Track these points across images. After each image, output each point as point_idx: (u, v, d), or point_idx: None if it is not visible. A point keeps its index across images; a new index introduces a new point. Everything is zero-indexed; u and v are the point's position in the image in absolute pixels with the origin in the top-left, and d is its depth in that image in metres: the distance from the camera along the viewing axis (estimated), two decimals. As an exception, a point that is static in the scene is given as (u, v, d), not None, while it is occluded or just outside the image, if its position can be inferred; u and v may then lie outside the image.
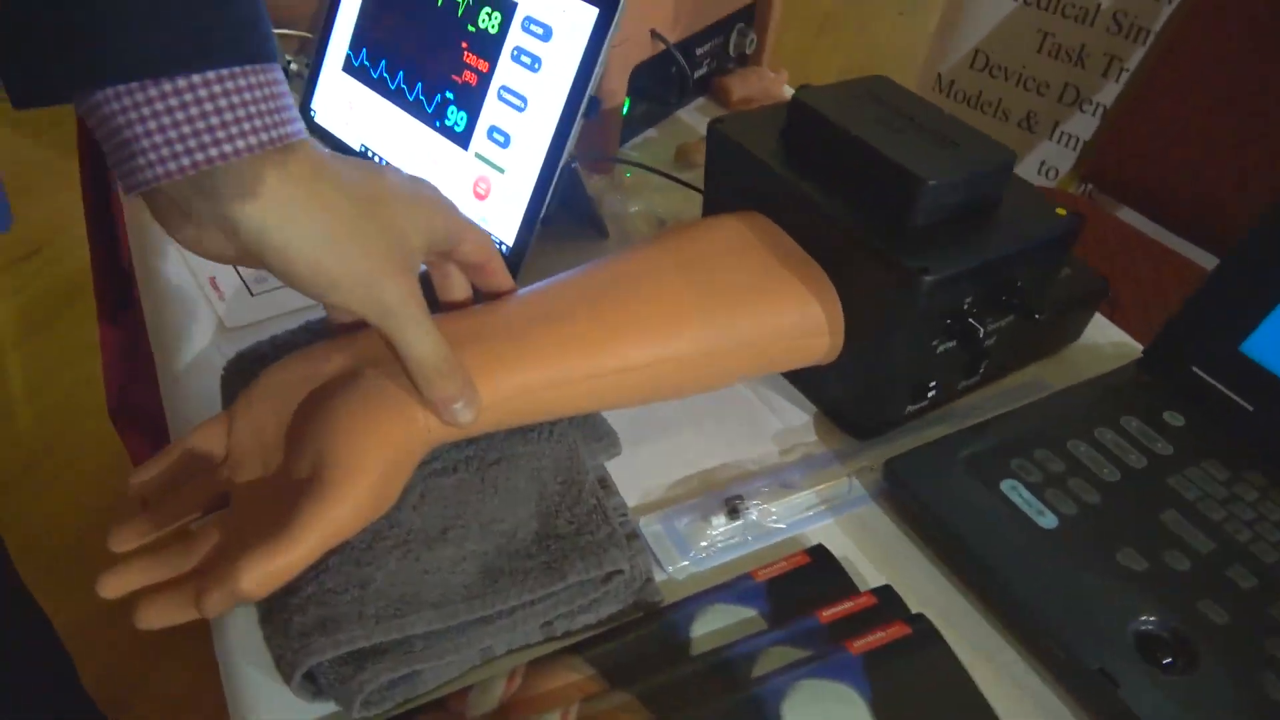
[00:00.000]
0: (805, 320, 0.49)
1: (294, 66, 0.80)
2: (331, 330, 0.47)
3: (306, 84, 0.75)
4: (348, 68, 0.72)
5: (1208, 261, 1.19)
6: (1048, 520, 0.46)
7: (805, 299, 0.49)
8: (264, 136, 0.33)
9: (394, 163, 0.70)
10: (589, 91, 0.58)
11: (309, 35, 0.79)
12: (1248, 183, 1.11)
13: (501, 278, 0.46)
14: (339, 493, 0.37)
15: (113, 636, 1.23)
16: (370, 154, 0.71)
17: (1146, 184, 1.22)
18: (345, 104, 0.73)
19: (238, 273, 0.62)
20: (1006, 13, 1.65)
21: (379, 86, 0.70)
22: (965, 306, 0.48)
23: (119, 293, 1.13)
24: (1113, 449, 0.50)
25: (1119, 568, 0.44)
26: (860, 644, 0.41)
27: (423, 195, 0.41)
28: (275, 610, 0.40)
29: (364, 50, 0.71)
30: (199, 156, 0.32)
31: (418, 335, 0.38)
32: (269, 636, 0.39)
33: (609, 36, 0.56)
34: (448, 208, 0.43)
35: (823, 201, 0.49)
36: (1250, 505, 0.48)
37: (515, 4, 0.61)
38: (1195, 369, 0.54)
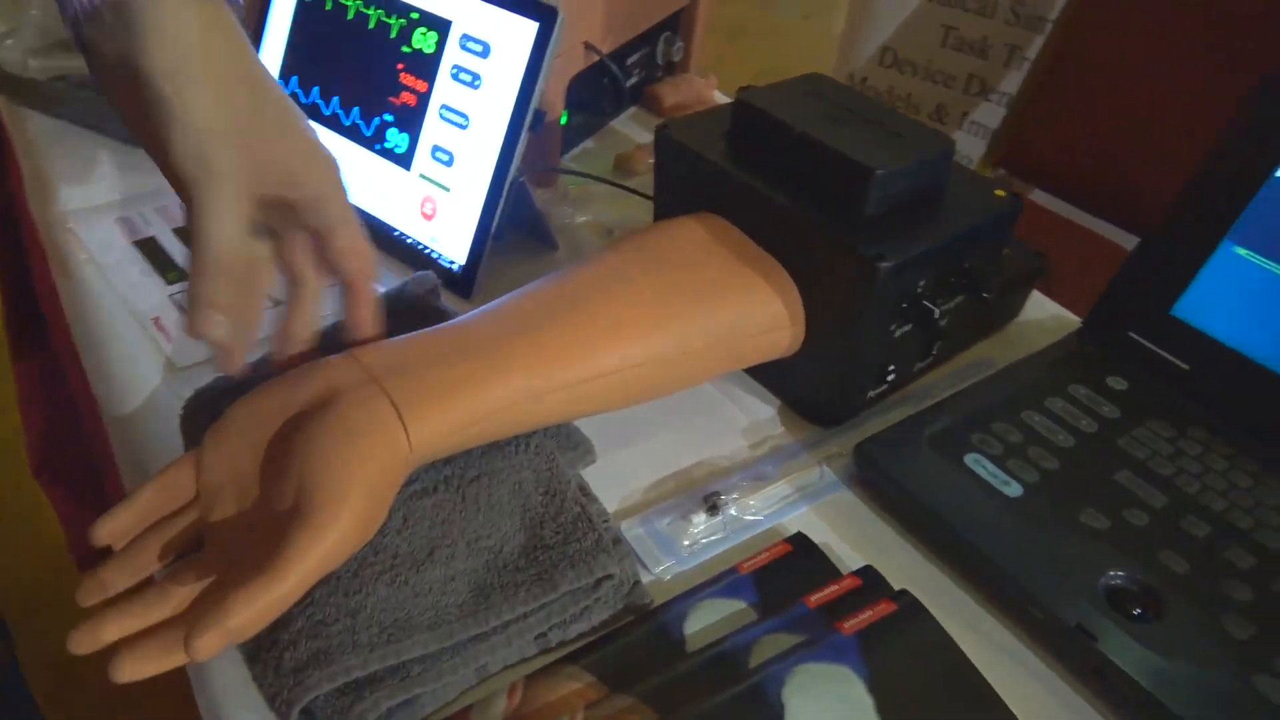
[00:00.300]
0: (770, 314, 0.50)
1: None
2: (292, 363, 0.47)
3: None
4: (277, 95, 0.71)
5: (1121, 236, 1.24)
6: (1012, 489, 0.48)
7: (768, 294, 0.50)
8: None
9: (334, 188, 0.69)
10: (533, 104, 0.58)
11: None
12: (1155, 159, 1.16)
13: (365, 302, 0.44)
14: (326, 521, 0.36)
15: (71, 696, 1.18)
16: (308, 181, 0.70)
17: (1057, 166, 1.27)
18: (277, 132, 0.71)
19: (182, 312, 0.60)
20: (911, 9, 1.70)
21: (311, 114, 0.69)
22: (919, 290, 0.50)
23: (33, 332, 1.08)
24: (1064, 416, 0.53)
25: (1083, 528, 0.46)
26: (850, 624, 0.42)
27: (321, 151, 0.41)
28: (264, 649, 0.39)
29: (294, 79, 0.70)
30: None
31: (220, 221, 0.38)
32: (259, 676, 0.38)
33: (550, 48, 0.57)
34: (337, 183, 0.42)
35: (775, 197, 0.50)
36: (1195, 459, 0.50)
37: (450, 22, 0.61)
38: (1132, 335, 0.57)
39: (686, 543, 0.47)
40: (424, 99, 0.63)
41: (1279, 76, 0.51)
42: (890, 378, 0.54)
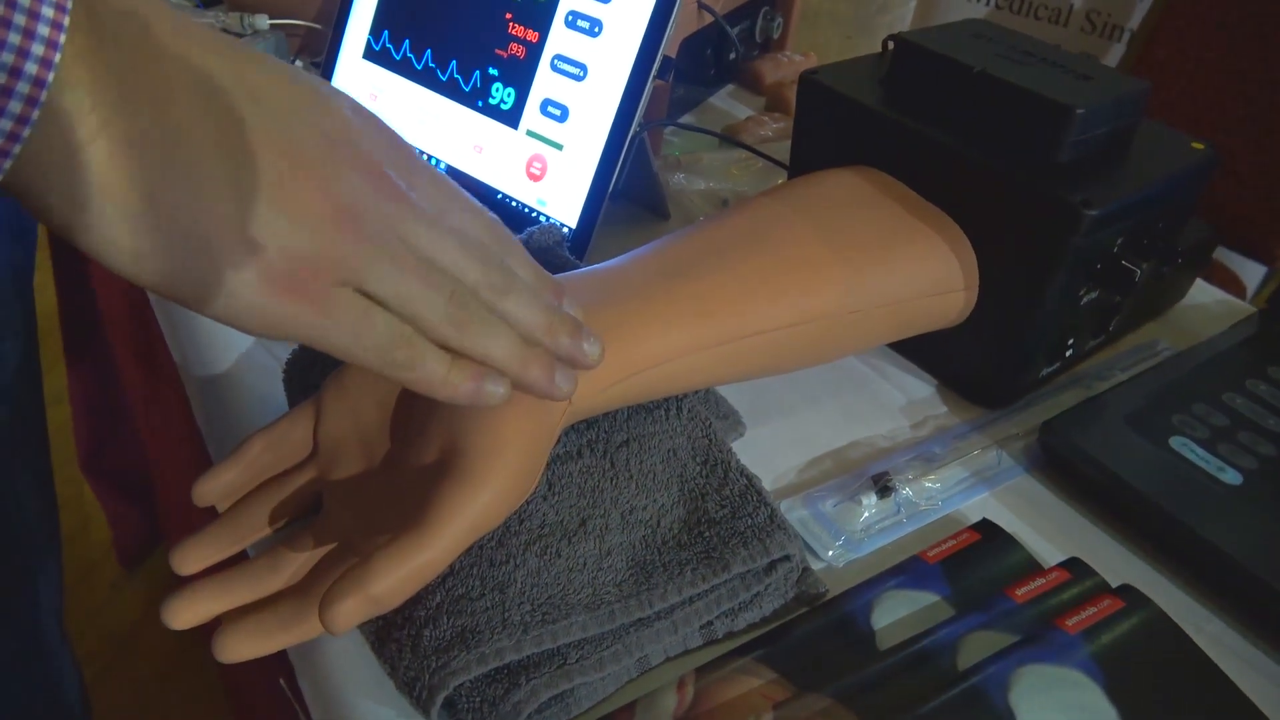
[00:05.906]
0: (944, 274, 0.44)
1: (298, 64, 0.74)
2: None
3: (320, 77, 0.69)
4: (368, 54, 0.66)
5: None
6: (1230, 476, 0.42)
7: (941, 250, 0.44)
8: None
9: (431, 149, 0.64)
10: (662, 48, 0.53)
11: (316, 26, 0.73)
12: (1241, 175, 1.10)
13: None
14: (480, 476, 0.31)
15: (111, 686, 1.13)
16: (400, 143, 0.65)
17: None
18: (368, 94, 0.67)
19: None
20: (979, 16, 1.65)
21: (403, 69, 0.64)
22: (1117, 248, 0.44)
23: (87, 333, 1.04)
24: (1271, 400, 0.46)
25: (1323, 521, 0.40)
26: (1074, 622, 0.35)
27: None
28: (394, 628, 0.33)
29: (385, 32, 0.65)
30: None
31: None
32: (392, 658, 0.32)
33: (684, -13, 0.52)
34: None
35: (952, 143, 0.44)
36: None
37: (571, -37, 0.56)
38: (1332, 314, 0.51)
39: (859, 527, 0.41)
40: (535, 50, 0.58)
41: None
42: (1068, 353, 0.48)
